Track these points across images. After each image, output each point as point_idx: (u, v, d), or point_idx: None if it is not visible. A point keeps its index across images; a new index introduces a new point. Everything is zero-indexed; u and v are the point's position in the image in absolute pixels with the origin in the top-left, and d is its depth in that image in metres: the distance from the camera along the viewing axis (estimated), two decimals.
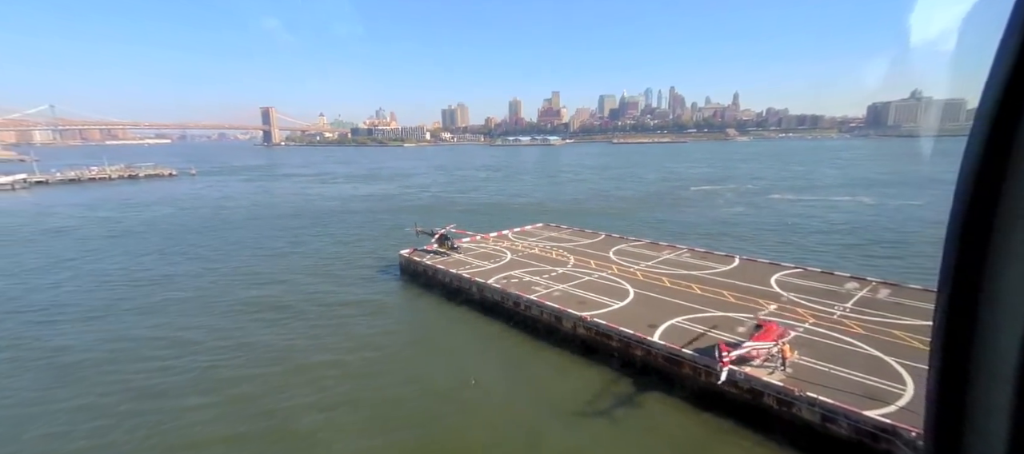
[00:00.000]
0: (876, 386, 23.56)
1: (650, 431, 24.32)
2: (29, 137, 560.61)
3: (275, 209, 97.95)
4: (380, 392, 27.98)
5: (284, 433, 24.31)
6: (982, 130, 1.38)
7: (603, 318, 32.43)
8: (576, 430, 24.54)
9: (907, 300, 34.75)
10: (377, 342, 34.61)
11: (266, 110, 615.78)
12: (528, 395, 28.30)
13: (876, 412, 21.27)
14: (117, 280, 49.46)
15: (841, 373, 24.85)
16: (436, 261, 46.06)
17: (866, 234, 66.71)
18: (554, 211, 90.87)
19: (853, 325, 30.73)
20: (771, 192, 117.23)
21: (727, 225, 76.69)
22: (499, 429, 24.80)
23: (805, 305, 34.44)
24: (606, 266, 44.87)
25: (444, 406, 26.75)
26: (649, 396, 27.09)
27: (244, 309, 40.69)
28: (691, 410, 25.67)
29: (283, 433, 24.31)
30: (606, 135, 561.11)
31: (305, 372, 29.87)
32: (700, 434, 23.99)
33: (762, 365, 25.40)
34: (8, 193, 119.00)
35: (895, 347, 27.45)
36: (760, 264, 44.99)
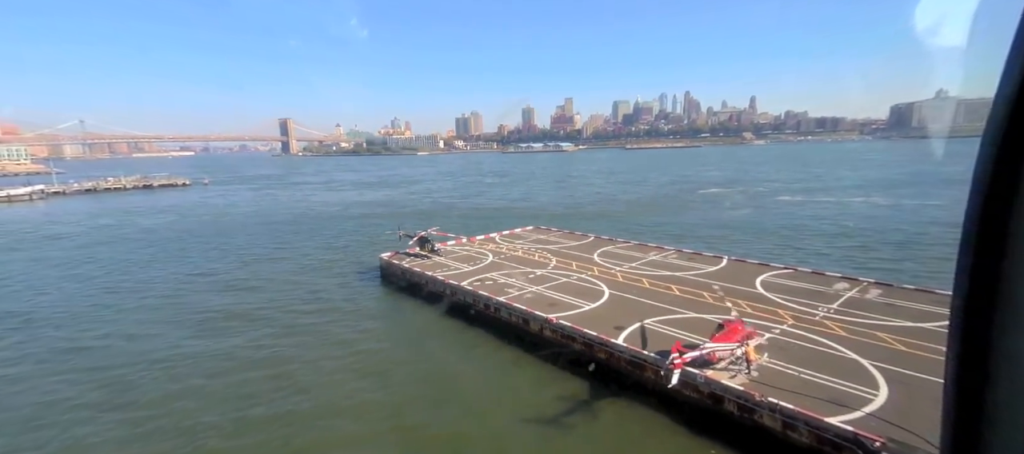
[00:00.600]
0: (846, 391, 21.85)
1: (603, 436, 22.94)
2: (60, 152, 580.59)
3: (274, 215, 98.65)
4: (331, 393, 27.11)
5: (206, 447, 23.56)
6: (996, 129, 1.35)
7: (572, 320, 31.15)
8: (525, 433, 23.29)
9: (898, 301, 32.73)
10: (341, 345, 33.82)
11: (284, 121, 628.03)
12: (485, 397, 27.19)
13: (839, 419, 19.61)
14: (91, 286, 49.20)
15: (811, 377, 23.17)
16: (413, 264, 45.27)
17: (873, 235, 63.94)
18: (554, 215, 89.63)
19: (835, 327, 28.91)
20: (780, 194, 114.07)
21: (728, 227, 74.40)
22: (443, 430, 23.65)
23: (787, 306, 32.66)
24: (587, 268, 43.52)
25: (396, 407, 25.75)
26: (609, 400, 25.70)
27: (207, 316, 39.56)
28: (650, 415, 24.21)
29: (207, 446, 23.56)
30: (619, 141, 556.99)
31: (250, 384, 28.96)
32: (655, 440, 22.52)
33: (727, 368, 23.86)
34: (25, 203, 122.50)
35: (876, 350, 25.63)
36: (748, 265, 43.13)
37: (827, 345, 26.48)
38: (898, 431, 18.79)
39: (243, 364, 30.95)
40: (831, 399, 21.19)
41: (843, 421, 19.46)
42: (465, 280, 40.04)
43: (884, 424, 19.34)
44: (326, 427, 24.22)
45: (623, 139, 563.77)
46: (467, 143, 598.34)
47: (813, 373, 23.47)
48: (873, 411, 20.23)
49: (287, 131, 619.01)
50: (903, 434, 18.60)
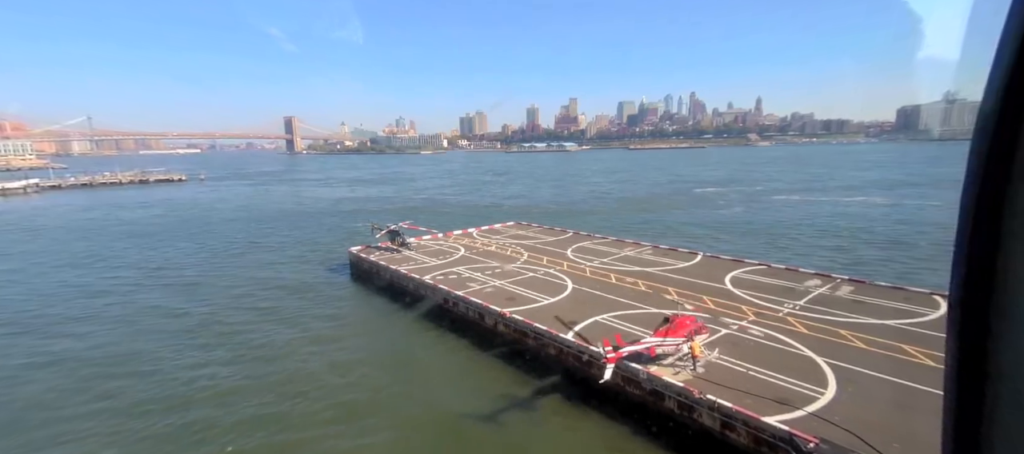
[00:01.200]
0: (793, 389, 20.74)
1: (538, 432, 21.95)
2: (68, 148, 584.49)
3: (262, 210, 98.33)
4: (272, 381, 26.28)
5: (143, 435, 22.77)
6: (985, 125, 1.35)
7: (528, 314, 30.18)
8: (461, 424, 22.32)
9: (868, 298, 31.53)
10: (294, 334, 33.04)
11: (289, 119, 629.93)
12: (431, 385, 26.33)
13: (777, 418, 18.52)
14: (50, 284, 47.13)
15: (760, 374, 22.07)
16: (380, 258, 44.47)
17: (863, 234, 62.53)
18: (545, 212, 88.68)
19: (797, 323, 27.76)
20: (777, 194, 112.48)
21: (716, 225, 73.20)
22: (376, 424, 22.71)
23: (752, 302, 31.53)
24: (557, 263, 42.53)
25: (336, 391, 24.86)
26: (553, 395, 24.76)
27: (159, 314, 38.78)
28: (591, 411, 23.22)
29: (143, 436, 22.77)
30: (623, 142, 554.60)
31: (196, 381, 28.21)
32: (592, 437, 21.49)
33: (673, 364, 22.79)
34: (20, 197, 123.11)
35: (833, 347, 24.50)
36: (722, 261, 42.02)
37: (785, 342, 25.35)
38: (837, 431, 17.69)
39: (175, 354, 30.22)
40: (776, 397, 20.10)
41: (782, 420, 18.37)
42: (429, 274, 39.15)
43: (823, 423, 18.24)
44: (261, 410, 23.37)
45: (627, 140, 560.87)
46: (471, 143, 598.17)
47: (763, 370, 22.36)
48: (816, 410, 19.12)
49: (292, 129, 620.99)
50: (842, 434, 17.50)
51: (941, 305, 30.08)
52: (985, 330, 1.42)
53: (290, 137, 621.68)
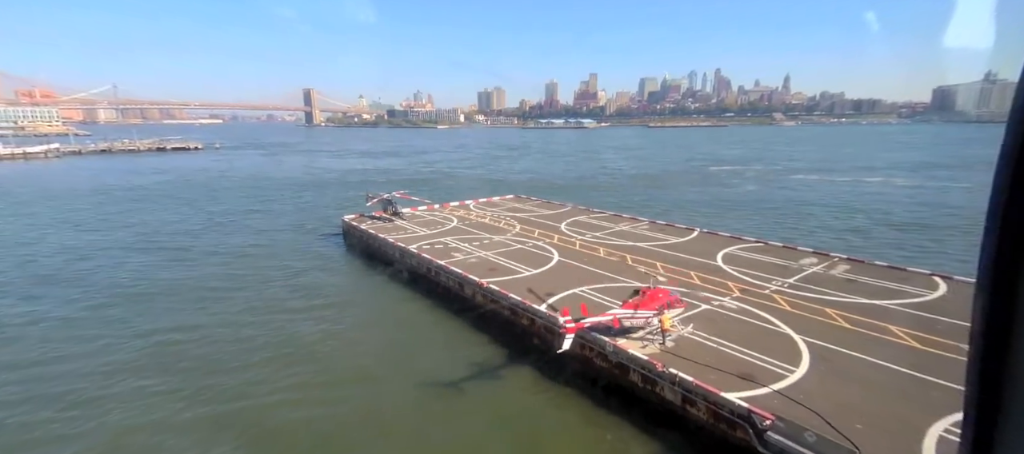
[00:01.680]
0: (762, 366, 19.93)
1: (498, 402, 21.63)
2: (94, 116, 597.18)
3: (268, 179, 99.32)
4: (238, 342, 26.43)
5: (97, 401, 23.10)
6: (1019, 115, 1.28)
7: (507, 285, 29.66)
8: (431, 400, 22.09)
9: (862, 277, 30.23)
10: (278, 295, 33.26)
11: (307, 91, 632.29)
12: (403, 356, 26.23)
13: (738, 394, 17.77)
14: (46, 246, 48.31)
15: (731, 350, 21.27)
16: (370, 227, 44.28)
17: (878, 214, 60.08)
18: (553, 186, 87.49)
19: (782, 301, 26.74)
20: (796, 174, 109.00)
21: (724, 203, 71.29)
22: (343, 392, 22.63)
23: (740, 279, 30.48)
24: (548, 236, 41.82)
25: (306, 348, 24.87)
26: (521, 365, 24.37)
27: (140, 275, 39.53)
28: (556, 382, 22.76)
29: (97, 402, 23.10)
30: (642, 119, 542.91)
31: (173, 345, 28.49)
32: (553, 408, 21.06)
33: (643, 338, 22.10)
34: (41, 161, 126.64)
35: (815, 325, 23.51)
36: (719, 237, 40.80)
37: (765, 319, 24.40)
38: (799, 409, 16.90)
39: (159, 314, 30.61)
40: (742, 373, 19.32)
41: (743, 397, 17.62)
42: (415, 244, 38.83)
43: (786, 402, 17.45)
44: (232, 358, 23.52)
45: (646, 117, 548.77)
46: (488, 118, 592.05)
47: (736, 346, 21.53)
48: (782, 388, 18.31)
49: (310, 101, 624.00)
50: (804, 412, 16.71)
51: (940, 286, 28.64)
52: (1009, 326, 1.38)
53: (309, 109, 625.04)
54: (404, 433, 19.82)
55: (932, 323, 23.69)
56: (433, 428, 19.89)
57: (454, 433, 19.52)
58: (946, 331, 22.68)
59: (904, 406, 17.03)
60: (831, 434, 15.52)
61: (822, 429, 15.78)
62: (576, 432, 19.74)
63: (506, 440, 19.25)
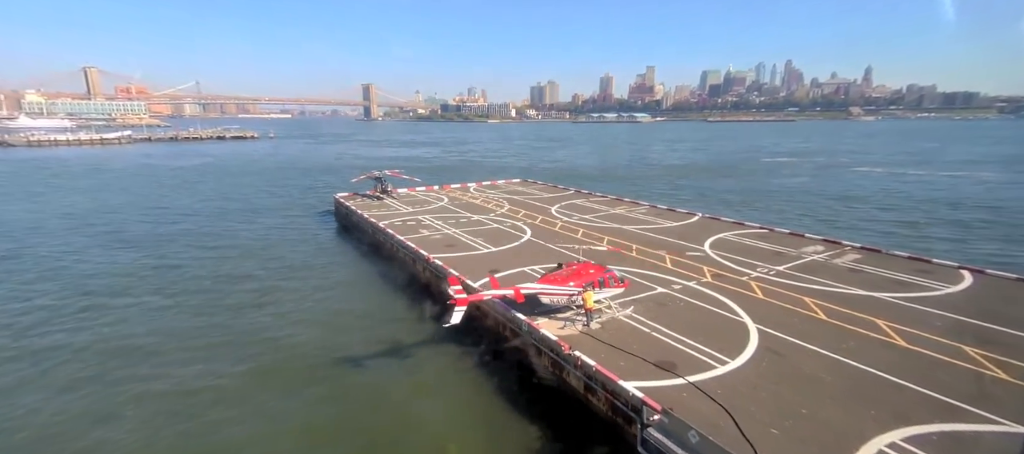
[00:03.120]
0: (691, 355, 16.84)
1: (413, 376, 19.67)
2: (181, 110, 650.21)
3: (299, 163, 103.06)
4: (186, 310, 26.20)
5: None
6: None
7: (459, 261, 27.80)
8: (349, 361, 20.61)
9: (870, 267, 25.75)
10: (260, 263, 33.43)
11: (366, 87, 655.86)
12: (341, 318, 25.14)
13: (640, 383, 14.90)
14: (81, 211, 52.07)
15: (664, 336, 18.24)
16: (355, 204, 43.78)
17: (943, 208, 52.56)
18: (581, 176, 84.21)
19: (757, 288, 23.10)
20: (861, 165, 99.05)
21: (762, 193, 65.58)
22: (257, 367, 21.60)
23: (721, 263, 26.94)
24: (532, 217, 39.46)
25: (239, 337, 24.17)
26: (447, 341, 22.27)
27: (150, 230, 41.43)
28: (476, 362, 20.54)
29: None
30: (701, 113, 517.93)
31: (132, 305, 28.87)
32: (463, 386, 18.91)
33: (572, 319, 19.48)
34: (115, 146, 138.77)
35: (782, 315, 19.94)
36: (719, 222, 37.03)
37: (725, 306, 20.98)
38: (709, 406, 13.85)
39: (129, 278, 31.19)
40: (662, 362, 16.34)
41: (647, 387, 14.74)
42: (387, 220, 37.68)
43: (695, 394, 14.41)
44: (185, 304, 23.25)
45: (705, 111, 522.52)
46: (539, 112, 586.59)
47: (673, 333, 18.45)
48: (701, 379, 15.23)
49: (369, 96, 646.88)
50: (713, 410, 13.64)
51: (964, 280, 23.72)
52: None
53: (368, 104, 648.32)
54: (254, 401, 18.23)
55: (930, 319, 19.35)
56: (302, 396, 18.30)
57: (333, 413, 17.82)
58: (944, 330, 18.40)
59: (846, 413, 13.52)
60: (728, 436, 12.44)
61: (723, 430, 12.71)
62: (465, 413, 17.48)
63: (389, 417, 17.32)
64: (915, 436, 12.50)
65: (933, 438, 12.43)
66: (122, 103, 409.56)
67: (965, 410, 13.54)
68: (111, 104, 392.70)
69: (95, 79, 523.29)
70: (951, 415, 13.34)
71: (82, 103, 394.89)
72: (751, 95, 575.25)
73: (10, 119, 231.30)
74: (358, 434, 16.46)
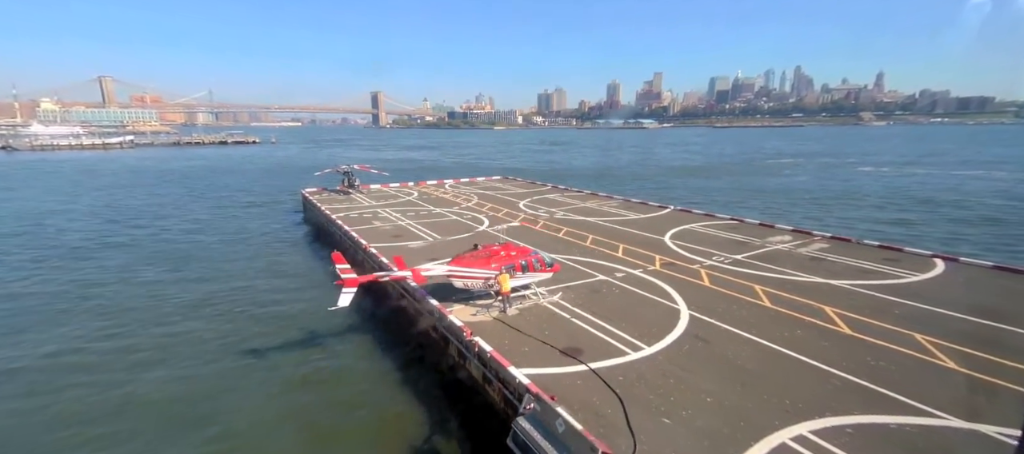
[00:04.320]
0: (605, 341, 15.22)
1: (336, 361, 18.20)
2: (194, 119, 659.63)
3: (285, 166, 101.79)
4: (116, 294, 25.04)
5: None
6: None
7: (403, 249, 26.39)
8: (228, 345, 19.23)
9: (835, 256, 23.95)
10: (217, 254, 32.15)
11: (375, 95, 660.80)
12: (277, 301, 23.77)
13: (529, 371, 13.29)
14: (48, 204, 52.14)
15: (583, 323, 16.64)
16: (318, 198, 42.74)
17: (945, 206, 50.28)
18: (574, 175, 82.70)
19: (705, 276, 21.37)
20: (867, 165, 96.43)
21: (754, 191, 63.76)
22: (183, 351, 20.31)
23: (676, 252, 25.25)
24: (497, 210, 38.12)
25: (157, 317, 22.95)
26: (371, 332, 20.88)
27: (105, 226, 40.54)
28: (377, 354, 19.05)
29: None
30: (708, 119, 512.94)
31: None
32: (361, 384, 17.35)
33: (491, 304, 17.94)
34: (116, 150, 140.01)
35: (721, 303, 18.27)
36: (690, 214, 35.37)
37: (663, 293, 19.28)
38: (603, 394, 12.19)
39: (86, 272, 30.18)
40: (569, 348, 14.69)
41: (537, 375, 13.13)
42: (343, 213, 36.46)
43: (589, 381, 12.76)
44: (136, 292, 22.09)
45: (712, 117, 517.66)
46: (545, 119, 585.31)
47: (595, 319, 16.83)
48: (605, 366, 13.60)
49: (377, 104, 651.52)
50: (606, 397, 11.98)
51: (936, 268, 21.77)
52: None
53: (376, 112, 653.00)
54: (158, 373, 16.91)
55: (887, 307, 17.49)
56: (167, 377, 16.89)
57: (236, 398, 16.37)
58: (898, 318, 16.61)
59: (758, 402, 11.82)
60: (611, 425, 10.78)
61: (608, 419, 11.06)
62: (359, 405, 15.91)
63: (273, 410, 15.80)
64: (828, 428, 10.74)
65: (848, 430, 10.66)
66: (135, 111, 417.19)
67: (896, 401, 11.75)
68: (124, 112, 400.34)
69: (110, 88, 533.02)
70: (879, 406, 11.56)
71: (96, 111, 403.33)
72: (760, 101, 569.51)
73: (24, 126, 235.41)
74: (224, 425, 14.96)
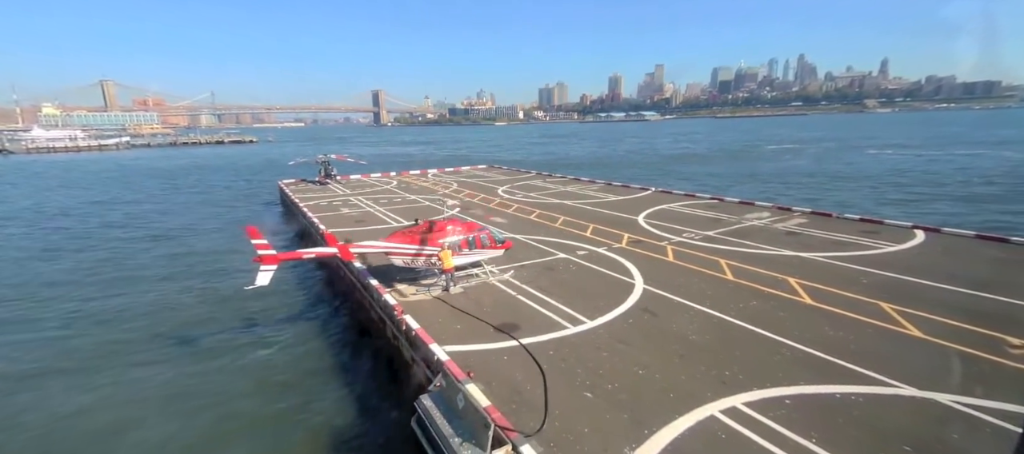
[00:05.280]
0: (546, 316, 14.23)
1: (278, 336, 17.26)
2: (197, 121, 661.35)
3: (273, 161, 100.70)
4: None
5: None
6: None
7: (361, 234, 25.40)
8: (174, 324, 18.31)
9: (812, 230, 22.95)
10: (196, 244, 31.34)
11: (376, 93, 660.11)
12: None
13: (453, 348, 12.29)
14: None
15: (528, 299, 15.64)
16: (293, 189, 41.94)
17: (949, 181, 48.98)
18: (569, 165, 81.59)
19: (669, 251, 20.24)
20: (871, 148, 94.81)
21: (747, 175, 62.50)
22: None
23: (648, 231, 24.18)
24: (473, 195, 37.17)
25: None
26: (324, 310, 19.94)
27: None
28: (327, 336, 18.06)
29: None
30: (711, 110, 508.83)
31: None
32: (295, 368, 16.36)
33: (437, 284, 16.94)
34: (112, 151, 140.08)
35: (681, 276, 17.25)
36: (670, 195, 34.37)
37: (622, 269, 18.21)
38: (526, 369, 11.14)
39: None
40: (505, 324, 13.64)
41: (460, 351, 12.11)
42: (313, 201, 35.59)
43: (521, 358, 11.71)
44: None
45: (715, 108, 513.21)
46: (547, 113, 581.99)
47: (542, 296, 15.80)
48: (539, 341, 12.57)
49: (378, 102, 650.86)
50: (529, 373, 10.93)
51: (915, 238, 20.56)
52: None
53: (377, 110, 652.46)
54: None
55: (856, 277, 16.39)
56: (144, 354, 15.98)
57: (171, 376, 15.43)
58: (869, 287, 15.53)
59: (692, 374, 10.77)
60: (528, 400, 9.75)
61: (526, 394, 10.03)
62: (292, 389, 14.90)
63: (205, 394, 14.84)
64: (765, 399, 9.65)
65: (786, 401, 9.56)
66: (137, 114, 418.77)
67: (849, 370, 10.65)
68: (125, 116, 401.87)
69: (111, 92, 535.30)
70: (828, 376, 10.45)
71: (97, 115, 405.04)
72: (763, 91, 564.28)
73: (24, 131, 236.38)
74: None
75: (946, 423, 8.78)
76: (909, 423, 8.81)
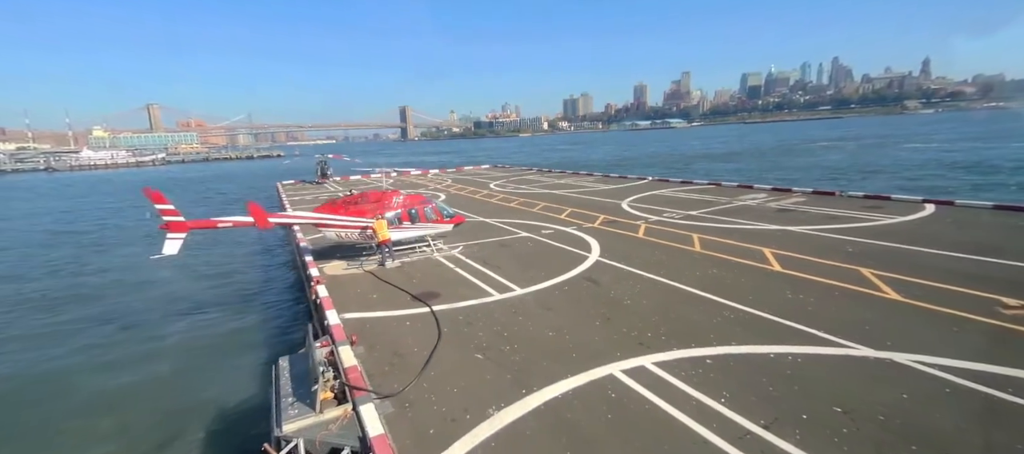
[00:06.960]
0: (476, 285, 12.83)
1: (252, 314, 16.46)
2: (235, 140, 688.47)
3: (288, 173, 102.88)
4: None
5: None
6: None
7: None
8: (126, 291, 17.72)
9: (811, 208, 20.98)
10: None
11: (403, 109, 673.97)
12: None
13: (355, 315, 11.13)
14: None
15: (465, 271, 14.31)
16: (287, 189, 41.91)
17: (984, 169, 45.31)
18: (585, 166, 79.95)
19: (641, 229, 18.60)
20: (911, 143, 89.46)
21: (780, 168, 59.41)
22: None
23: (626, 212, 22.56)
24: (463, 189, 36.13)
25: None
26: (258, 295, 19.10)
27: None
28: (267, 312, 17.18)
29: None
30: (739, 116, 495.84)
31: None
32: (221, 346, 15.44)
33: (371, 258, 15.85)
34: (149, 167, 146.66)
35: (642, 249, 15.72)
36: (667, 183, 32.20)
37: (581, 244, 16.65)
38: (422, 335, 9.79)
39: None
40: (426, 293, 12.35)
41: (363, 318, 10.89)
42: (296, 197, 35.35)
43: (424, 323, 10.38)
44: None
45: (743, 114, 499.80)
46: (571, 124, 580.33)
47: (483, 269, 14.49)
48: (454, 307, 11.20)
49: (405, 118, 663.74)
50: (430, 337, 9.59)
51: (923, 211, 18.23)
52: None
53: (404, 125, 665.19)
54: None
55: (840, 246, 14.47)
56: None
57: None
58: (852, 255, 13.66)
59: (607, 337, 9.17)
60: (401, 364, 8.41)
61: (409, 357, 8.69)
62: (216, 368, 13.94)
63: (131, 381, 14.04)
64: (681, 359, 8.03)
65: (707, 361, 7.88)
66: (176, 135, 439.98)
67: (799, 331, 8.88)
68: (168, 136, 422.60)
69: (156, 115, 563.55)
70: (771, 338, 8.70)
71: (142, 136, 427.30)
72: (795, 95, 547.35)
73: (75, 152, 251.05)
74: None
75: (896, 384, 6.96)
76: (850, 383, 7.04)
